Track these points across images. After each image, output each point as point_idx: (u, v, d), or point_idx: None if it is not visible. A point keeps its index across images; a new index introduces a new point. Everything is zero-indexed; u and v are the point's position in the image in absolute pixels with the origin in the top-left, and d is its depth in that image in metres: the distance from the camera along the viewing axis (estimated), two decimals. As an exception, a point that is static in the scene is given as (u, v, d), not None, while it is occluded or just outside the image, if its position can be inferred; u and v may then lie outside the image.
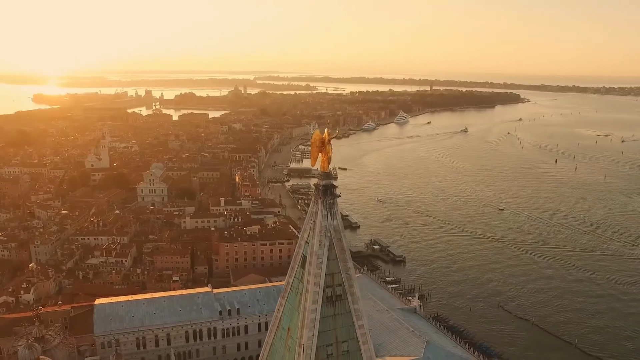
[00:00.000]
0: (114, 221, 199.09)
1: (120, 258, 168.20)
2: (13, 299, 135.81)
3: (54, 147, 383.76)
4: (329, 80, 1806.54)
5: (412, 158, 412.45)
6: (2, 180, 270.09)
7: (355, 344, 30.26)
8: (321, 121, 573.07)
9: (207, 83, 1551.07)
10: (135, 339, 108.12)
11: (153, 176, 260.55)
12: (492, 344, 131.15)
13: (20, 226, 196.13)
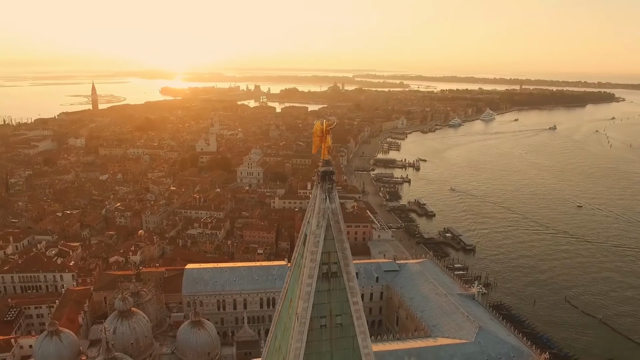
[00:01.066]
0: (213, 198, 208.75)
1: (215, 230, 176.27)
2: (123, 259, 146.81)
3: (172, 133, 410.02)
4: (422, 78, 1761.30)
5: (494, 153, 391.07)
6: (127, 159, 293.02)
7: (348, 319, 29.69)
8: (410, 116, 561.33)
9: (310, 80, 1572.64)
10: (216, 301, 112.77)
11: (251, 160, 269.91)
12: (553, 337, 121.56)
13: (136, 198, 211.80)
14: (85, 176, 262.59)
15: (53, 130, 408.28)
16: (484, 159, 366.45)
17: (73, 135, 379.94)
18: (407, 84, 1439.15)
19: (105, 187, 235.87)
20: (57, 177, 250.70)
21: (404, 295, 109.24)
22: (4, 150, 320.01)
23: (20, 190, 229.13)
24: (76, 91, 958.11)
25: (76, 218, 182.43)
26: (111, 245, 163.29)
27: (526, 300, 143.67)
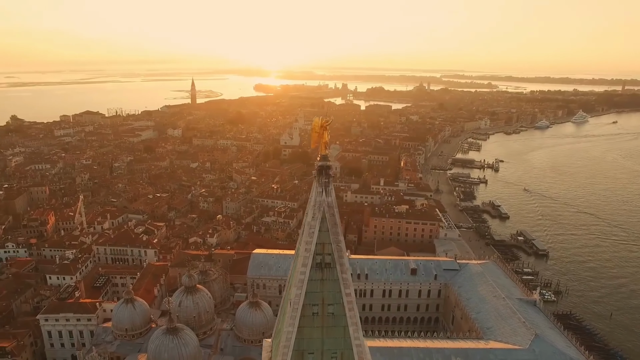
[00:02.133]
0: (290, 189, 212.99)
1: (287, 219, 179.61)
2: (201, 240, 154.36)
3: (260, 127, 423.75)
4: (512, 79, 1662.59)
5: (582, 157, 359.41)
6: (216, 149, 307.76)
7: (340, 309, 29.18)
8: (494, 117, 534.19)
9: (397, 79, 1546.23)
10: (277, 285, 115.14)
11: (329, 155, 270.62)
12: (628, 356, 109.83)
13: (220, 186, 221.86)
14: (178, 163, 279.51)
15: (155, 122, 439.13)
16: (569, 163, 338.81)
17: (172, 126, 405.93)
18: (495, 84, 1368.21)
19: (194, 174, 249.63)
20: (154, 163, 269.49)
21: (460, 295, 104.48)
22: (112, 138, 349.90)
23: (121, 173, 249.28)
24: (180, 87, 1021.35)
25: (165, 201, 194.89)
26: (192, 227, 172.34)
27: (601, 313, 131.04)
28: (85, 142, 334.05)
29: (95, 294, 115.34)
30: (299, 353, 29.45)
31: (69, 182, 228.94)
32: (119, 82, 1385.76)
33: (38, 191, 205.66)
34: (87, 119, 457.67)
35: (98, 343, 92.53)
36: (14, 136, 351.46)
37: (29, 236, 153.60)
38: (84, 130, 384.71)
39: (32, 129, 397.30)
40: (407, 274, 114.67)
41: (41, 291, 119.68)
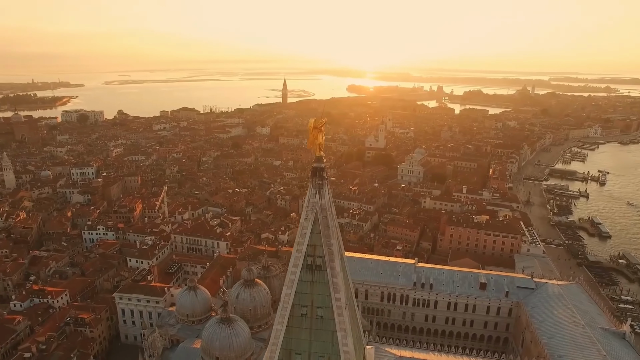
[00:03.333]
0: (368, 192, 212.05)
1: (361, 222, 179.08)
2: (273, 237, 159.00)
3: (347, 128, 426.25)
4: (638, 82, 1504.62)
5: None
6: (300, 148, 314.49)
7: (329, 313, 28.97)
8: (607, 125, 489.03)
9: (498, 82, 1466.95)
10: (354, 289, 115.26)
11: (413, 159, 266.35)
12: None
13: (299, 184, 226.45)
14: (263, 161, 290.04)
15: (246, 119, 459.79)
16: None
17: (260, 124, 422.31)
18: (615, 88, 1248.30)
19: (276, 171, 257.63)
20: (239, 160, 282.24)
21: (533, 317, 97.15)
22: (204, 134, 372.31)
23: (208, 167, 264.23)
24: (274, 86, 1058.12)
25: (243, 196, 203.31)
26: (266, 223, 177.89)
27: None
28: (179, 137, 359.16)
29: (167, 279, 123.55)
30: (286, 352, 29.54)
31: (159, 173, 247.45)
32: (218, 81, 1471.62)
33: (131, 180, 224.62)
34: (184, 114, 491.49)
35: (161, 325, 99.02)
36: (118, 129, 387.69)
37: (118, 221, 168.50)
38: (179, 126, 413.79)
39: (135, 122, 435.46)
40: (475, 287, 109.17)
41: (121, 272, 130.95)
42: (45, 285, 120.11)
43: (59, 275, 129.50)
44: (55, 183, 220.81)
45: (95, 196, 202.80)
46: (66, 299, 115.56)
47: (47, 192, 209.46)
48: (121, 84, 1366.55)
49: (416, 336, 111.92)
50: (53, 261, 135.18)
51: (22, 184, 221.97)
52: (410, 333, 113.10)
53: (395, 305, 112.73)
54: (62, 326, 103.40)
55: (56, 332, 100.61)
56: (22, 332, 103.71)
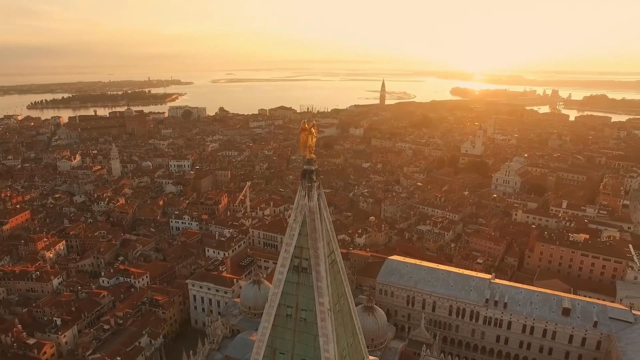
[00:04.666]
0: (456, 200, 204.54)
1: (443, 231, 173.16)
2: (349, 238, 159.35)
3: (443, 132, 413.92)
4: None
5: None
6: (390, 151, 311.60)
7: (312, 317, 29.06)
8: None
9: (632, 85, 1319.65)
10: (406, 295, 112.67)
11: (510, 168, 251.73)
12: None
13: (384, 188, 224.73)
14: (352, 162, 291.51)
15: (340, 120, 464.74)
16: None
17: (354, 125, 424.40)
18: None
19: (362, 173, 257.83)
20: (328, 160, 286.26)
21: (626, 354, 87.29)
22: (297, 133, 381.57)
23: (296, 166, 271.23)
24: (373, 87, 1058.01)
25: (325, 196, 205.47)
26: (345, 224, 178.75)
27: None
28: (273, 135, 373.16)
29: (239, 271, 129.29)
30: (271, 350, 29.92)
31: (249, 169, 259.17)
32: (319, 81, 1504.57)
33: (221, 174, 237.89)
34: (280, 113, 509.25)
35: (225, 314, 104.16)
36: (217, 125, 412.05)
37: (203, 212, 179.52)
38: (274, 124, 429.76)
39: (233, 119, 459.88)
40: (557, 312, 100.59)
41: (199, 260, 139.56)
42: (130, 266, 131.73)
43: (144, 258, 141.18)
44: (154, 173, 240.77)
45: (187, 187, 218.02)
46: (146, 280, 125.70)
47: (145, 182, 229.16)
48: (227, 82, 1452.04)
49: (485, 357, 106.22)
50: (140, 245, 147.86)
51: (126, 173, 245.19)
52: (479, 353, 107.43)
53: (465, 321, 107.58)
54: (139, 305, 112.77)
55: (133, 310, 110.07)
56: (106, 306, 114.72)
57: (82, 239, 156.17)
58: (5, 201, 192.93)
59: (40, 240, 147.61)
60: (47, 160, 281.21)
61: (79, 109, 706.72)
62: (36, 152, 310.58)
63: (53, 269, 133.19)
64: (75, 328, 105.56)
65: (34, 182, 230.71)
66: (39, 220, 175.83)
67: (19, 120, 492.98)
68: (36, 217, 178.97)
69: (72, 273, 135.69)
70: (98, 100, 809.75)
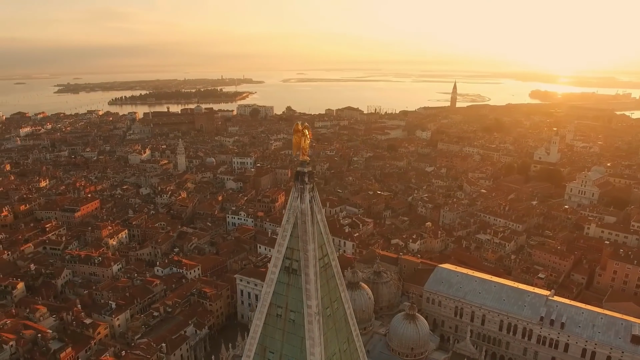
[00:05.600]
0: (521, 209, 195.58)
1: (504, 241, 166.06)
2: (403, 243, 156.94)
3: (516, 137, 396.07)
4: None
5: None
6: (456, 156, 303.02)
7: (301, 319, 29.45)
8: None
9: None
10: (454, 306, 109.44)
11: (587, 178, 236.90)
12: None
13: (445, 193, 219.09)
14: (415, 165, 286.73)
15: (407, 122, 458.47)
16: None
17: (421, 128, 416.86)
18: None
19: (424, 178, 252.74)
20: (391, 162, 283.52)
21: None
22: (362, 134, 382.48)
23: (357, 167, 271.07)
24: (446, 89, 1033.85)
25: (383, 199, 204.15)
26: (400, 229, 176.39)
27: None
28: (337, 135, 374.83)
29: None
30: (262, 348, 30.42)
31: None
32: (390, 82, 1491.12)
33: (281, 173, 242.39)
34: (347, 114, 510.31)
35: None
36: (283, 124, 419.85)
37: (259, 209, 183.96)
38: (339, 124, 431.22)
39: (300, 119, 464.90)
40: (624, 338, 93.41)
41: (250, 256, 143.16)
42: (184, 258, 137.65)
43: (198, 251, 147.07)
44: (217, 169, 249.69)
45: (247, 184, 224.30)
46: (198, 272, 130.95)
47: (208, 177, 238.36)
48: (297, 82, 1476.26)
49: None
50: (196, 238, 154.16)
51: (190, 168, 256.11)
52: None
53: (516, 339, 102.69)
54: (188, 295, 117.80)
55: (182, 300, 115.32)
56: (158, 294, 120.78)
57: (143, 229, 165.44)
58: (80, 190, 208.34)
59: (105, 228, 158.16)
60: (120, 153, 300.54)
61: (155, 105, 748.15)
62: (111, 146, 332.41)
63: (114, 256, 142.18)
64: (128, 312, 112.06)
65: (106, 173, 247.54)
66: (107, 210, 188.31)
67: (99, 115, 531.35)
68: (105, 206, 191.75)
69: (132, 261, 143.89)
70: (172, 97, 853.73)
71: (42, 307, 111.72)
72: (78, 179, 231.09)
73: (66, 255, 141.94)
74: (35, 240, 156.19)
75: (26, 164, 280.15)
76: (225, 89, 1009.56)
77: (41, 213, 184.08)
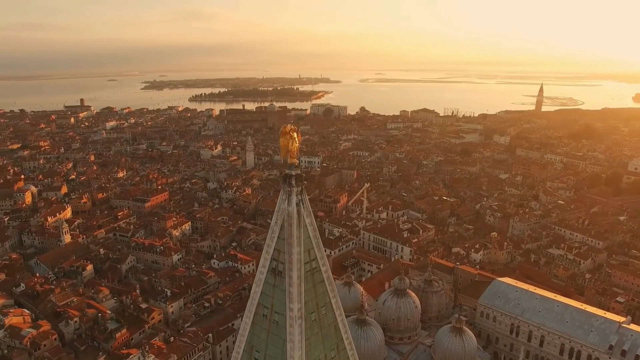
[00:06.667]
0: (604, 224, 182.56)
1: (579, 258, 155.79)
2: (464, 253, 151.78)
3: (609, 145, 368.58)
4: None
5: None
6: (534, 163, 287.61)
7: (283, 320, 29.81)
8: None
9: None
10: (510, 323, 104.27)
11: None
12: None
13: (517, 202, 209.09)
14: (489, 172, 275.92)
15: (485, 126, 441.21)
16: None
17: (500, 132, 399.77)
18: None
19: (497, 185, 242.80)
20: (462, 167, 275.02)
21: None
22: (435, 137, 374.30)
23: (426, 171, 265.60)
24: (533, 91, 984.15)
25: (449, 205, 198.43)
26: (463, 237, 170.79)
27: None
28: (409, 137, 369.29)
29: (341, 271, 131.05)
30: (249, 346, 31.13)
31: (376, 170, 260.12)
32: (473, 83, 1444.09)
33: (347, 174, 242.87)
34: (422, 115, 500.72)
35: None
36: (355, 124, 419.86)
37: (320, 209, 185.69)
38: (412, 127, 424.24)
39: (372, 119, 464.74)
40: None
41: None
42: (240, 253, 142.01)
43: (255, 247, 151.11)
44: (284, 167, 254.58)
45: (311, 183, 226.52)
46: (252, 267, 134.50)
47: (274, 175, 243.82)
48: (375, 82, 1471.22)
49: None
50: (254, 234, 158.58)
51: (258, 165, 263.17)
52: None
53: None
54: (239, 290, 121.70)
55: (233, 293, 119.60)
56: (211, 286, 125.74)
57: (206, 222, 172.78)
58: (152, 182, 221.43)
59: (170, 219, 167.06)
60: (193, 148, 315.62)
61: (232, 103, 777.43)
62: (186, 140, 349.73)
63: (175, 246, 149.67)
64: (182, 301, 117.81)
65: (178, 167, 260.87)
66: (174, 202, 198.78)
67: (178, 111, 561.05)
68: (173, 198, 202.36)
69: (192, 252, 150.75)
70: (249, 95, 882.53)
71: (106, 289, 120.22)
72: (152, 171, 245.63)
73: (132, 242, 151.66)
74: (108, 226, 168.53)
75: (108, 155, 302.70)
76: (301, 88, 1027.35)
77: (116, 202, 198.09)
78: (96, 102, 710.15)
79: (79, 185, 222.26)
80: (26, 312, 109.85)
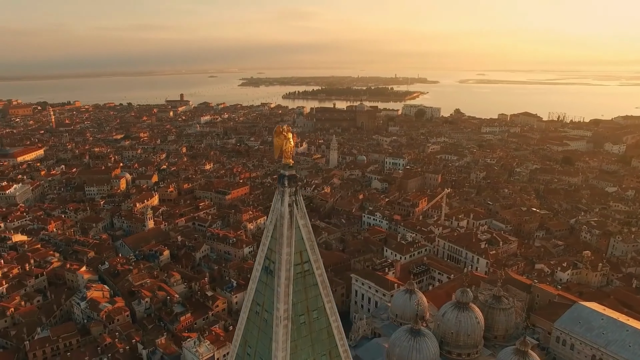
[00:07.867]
0: None
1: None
2: (549, 270, 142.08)
3: None
4: None
5: None
6: None
7: (272, 320, 30.16)
8: None
9: None
10: (591, 354, 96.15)
11: None
12: None
13: (622, 220, 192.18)
14: (593, 183, 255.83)
15: (596, 133, 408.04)
16: None
17: (613, 140, 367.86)
18: None
19: (600, 198, 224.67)
20: (561, 177, 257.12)
21: None
22: (534, 143, 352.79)
23: (518, 179, 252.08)
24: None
25: (538, 217, 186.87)
26: (551, 254, 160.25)
27: None
28: (503, 142, 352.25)
29: (409, 278, 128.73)
30: (244, 340, 32.22)
31: (463, 176, 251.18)
32: (589, 85, 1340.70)
33: (431, 177, 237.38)
34: (522, 120, 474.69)
35: (374, 315, 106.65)
36: (447, 127, 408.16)
37: (397, 212, 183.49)
38: (509, 131, 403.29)
39: (467, 122, 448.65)
40: None
41: (374, 258, 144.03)
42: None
43: (325, 245, 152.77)
44: (367, 168, 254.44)
45: (392, 185, 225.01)
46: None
47: (356, 175, 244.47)
48: (475, 83, 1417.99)
49: None
50: (326, 233, 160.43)
51: (341, 164, 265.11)
52: None
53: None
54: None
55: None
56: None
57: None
58: (236, 175, 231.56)
59: (245, 212, 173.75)
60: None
61: (324, 101, 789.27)
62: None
63: (248, 239, 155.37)
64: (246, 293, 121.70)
65: (263, 162, 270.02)
66: (254, 196, 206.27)
67: (270, 108, 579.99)
68: (253, 192, 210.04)
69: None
70: (342, 94, 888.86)
71: (177, 275, 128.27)
72: (237, 165, 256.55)
73: (208, 232, 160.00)
74: (189, 215, 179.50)
75: (199, 147, 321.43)
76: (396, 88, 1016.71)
77: (199, 192, 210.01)
78: (195, 97, 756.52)
79: (169, 175, 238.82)
80: (106, 288, 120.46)
